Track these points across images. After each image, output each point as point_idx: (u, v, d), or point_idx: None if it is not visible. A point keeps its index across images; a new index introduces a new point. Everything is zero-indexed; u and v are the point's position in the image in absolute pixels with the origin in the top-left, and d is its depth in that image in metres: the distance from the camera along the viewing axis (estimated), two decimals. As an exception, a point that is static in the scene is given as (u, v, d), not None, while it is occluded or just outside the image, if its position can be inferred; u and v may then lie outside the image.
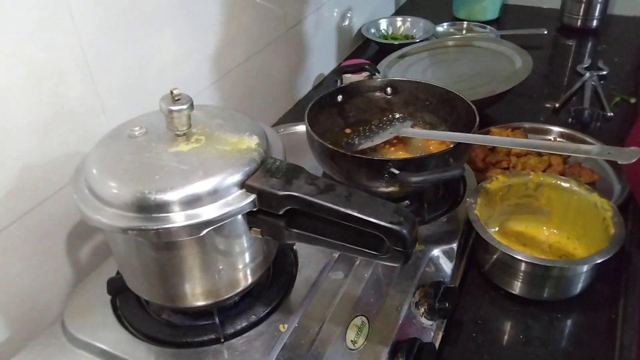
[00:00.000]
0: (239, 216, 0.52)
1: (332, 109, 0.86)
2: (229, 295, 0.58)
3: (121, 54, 0.74)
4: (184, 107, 0.53)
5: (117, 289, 0.63)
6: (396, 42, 1.42)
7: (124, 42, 0.74)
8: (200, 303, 0.57)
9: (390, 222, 0.48)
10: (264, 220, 0.53)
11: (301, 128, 0.95)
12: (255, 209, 0.52)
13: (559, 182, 0.78)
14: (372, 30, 1.48)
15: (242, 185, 0.51)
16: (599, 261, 0.66)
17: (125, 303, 0.62)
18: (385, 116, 0.88)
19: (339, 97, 0.86)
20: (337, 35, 1.37)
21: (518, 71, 1.07)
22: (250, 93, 1.06)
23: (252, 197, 0.51)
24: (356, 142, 0.81)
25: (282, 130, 0.98)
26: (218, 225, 0.50)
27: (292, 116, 1.18)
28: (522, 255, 0.68)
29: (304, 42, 1.22)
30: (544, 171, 0.89)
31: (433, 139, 0.81)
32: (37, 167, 0.66)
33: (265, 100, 1.12)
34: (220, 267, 0.55)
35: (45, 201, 0.67)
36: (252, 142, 0.55)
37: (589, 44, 1.46)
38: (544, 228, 0.81)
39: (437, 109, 0.85)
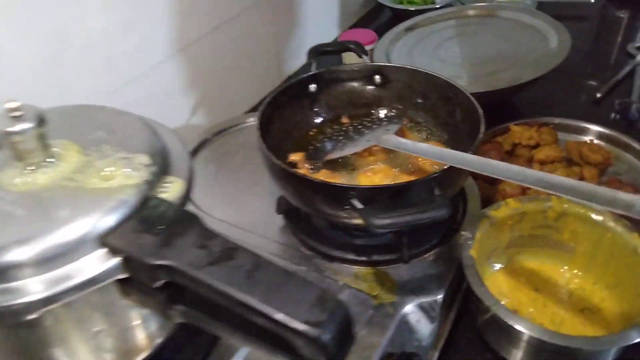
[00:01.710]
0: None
1: (302, 101, 0.67)
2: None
3: (27, 26, 0.57)
4: (28, 126, 0.36)
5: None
6: (412, 8, 1.20)
7: (31, 12, 0.57)
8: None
9: (305, 322, 0.31)
10: (139, 289, 0.37)
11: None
12: (123, 277, 0.36)
13: (588, 213, 0.59)
14: (386, -8, 1.26)
15: (104, 242, 0.35)
16: (636, 341, 0.48)
17: None
18: (369, 114, 0.69)
19: (312, 87, 0.67)
20: (340, -2, 1.16)
21: (551, 53, 0.85)
22: (224, 69, 0.89)
23: (115, 261, 0.35)
24: (328, 147, 0.63)
25: (252, 119, 0.81)
26: (62, 303, 0.34)
27: (278, 95, 1.00)
28: (525, 325, 0.50)
29: (296, 6, 1.02)
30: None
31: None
32: None
33: (244, 76, 0.94)
34: (96, 342, 0.39)
35: None
36: (134, 171, 0.38)
37: (646, 17, 1.22)
38: (565, 268, 0.63)
39: (435, 108, 0.65)
